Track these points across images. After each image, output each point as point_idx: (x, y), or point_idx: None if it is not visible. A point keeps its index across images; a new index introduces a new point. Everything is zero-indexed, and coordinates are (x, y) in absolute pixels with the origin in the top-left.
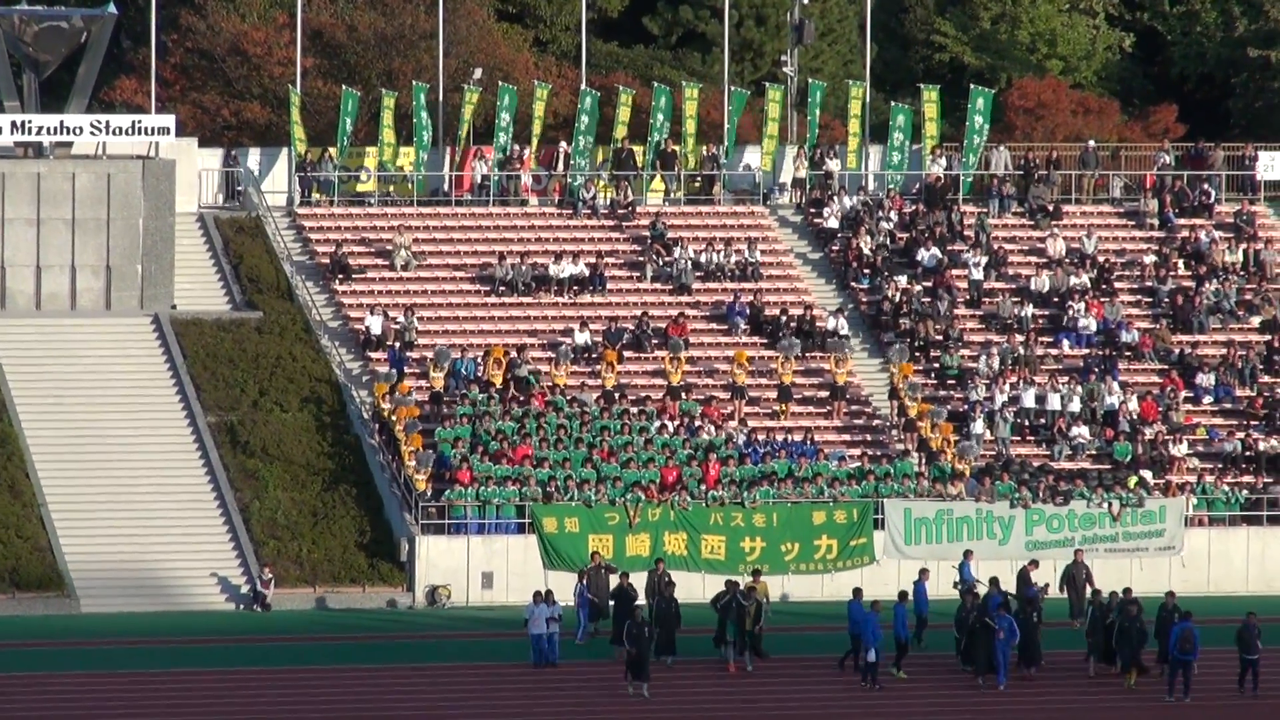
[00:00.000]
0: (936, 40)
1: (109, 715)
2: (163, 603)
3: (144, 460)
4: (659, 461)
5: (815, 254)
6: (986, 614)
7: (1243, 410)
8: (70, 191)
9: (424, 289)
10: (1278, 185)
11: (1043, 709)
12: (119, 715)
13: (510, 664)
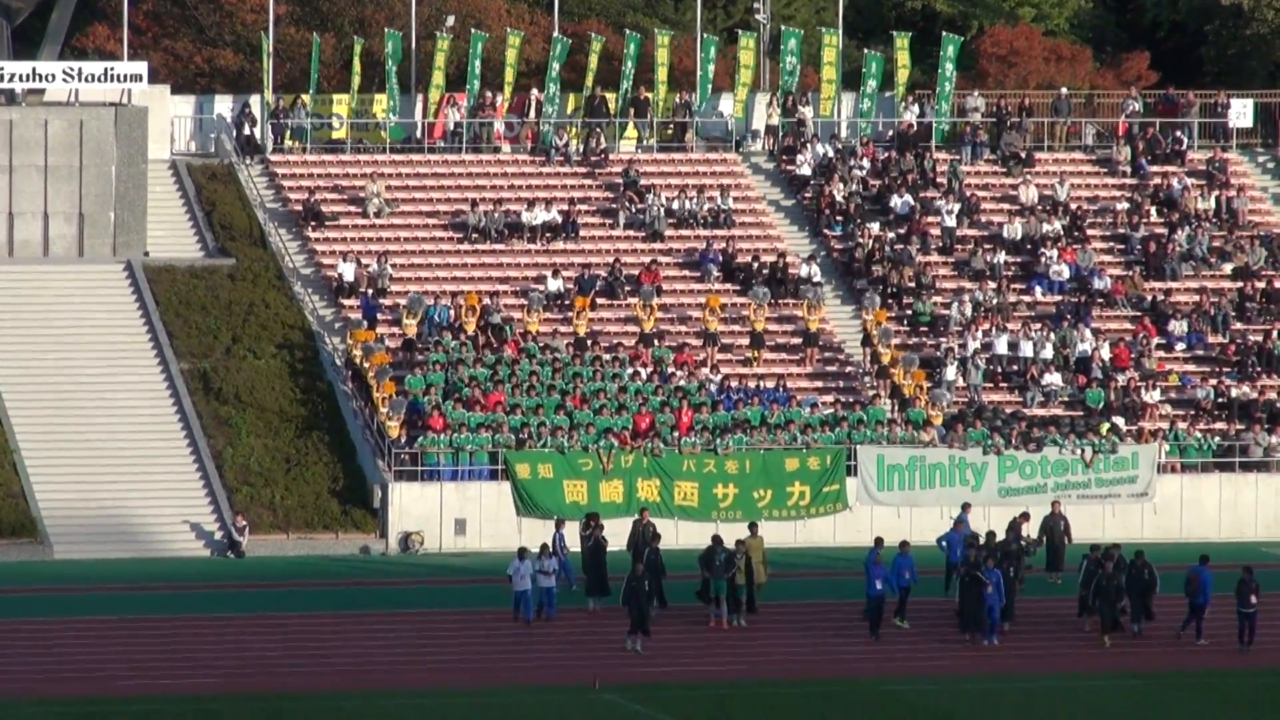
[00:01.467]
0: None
1: (83, 661)
2: (136, 549)
3: (117, 407)
4: (632, 408)
5: (788, 201)
6: (977, 568)
7: (1215, 357)
8: (43, 138)
9: (397, 236)
10: (1249, 132)
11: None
12: (93, 661)
13: (484, 610)
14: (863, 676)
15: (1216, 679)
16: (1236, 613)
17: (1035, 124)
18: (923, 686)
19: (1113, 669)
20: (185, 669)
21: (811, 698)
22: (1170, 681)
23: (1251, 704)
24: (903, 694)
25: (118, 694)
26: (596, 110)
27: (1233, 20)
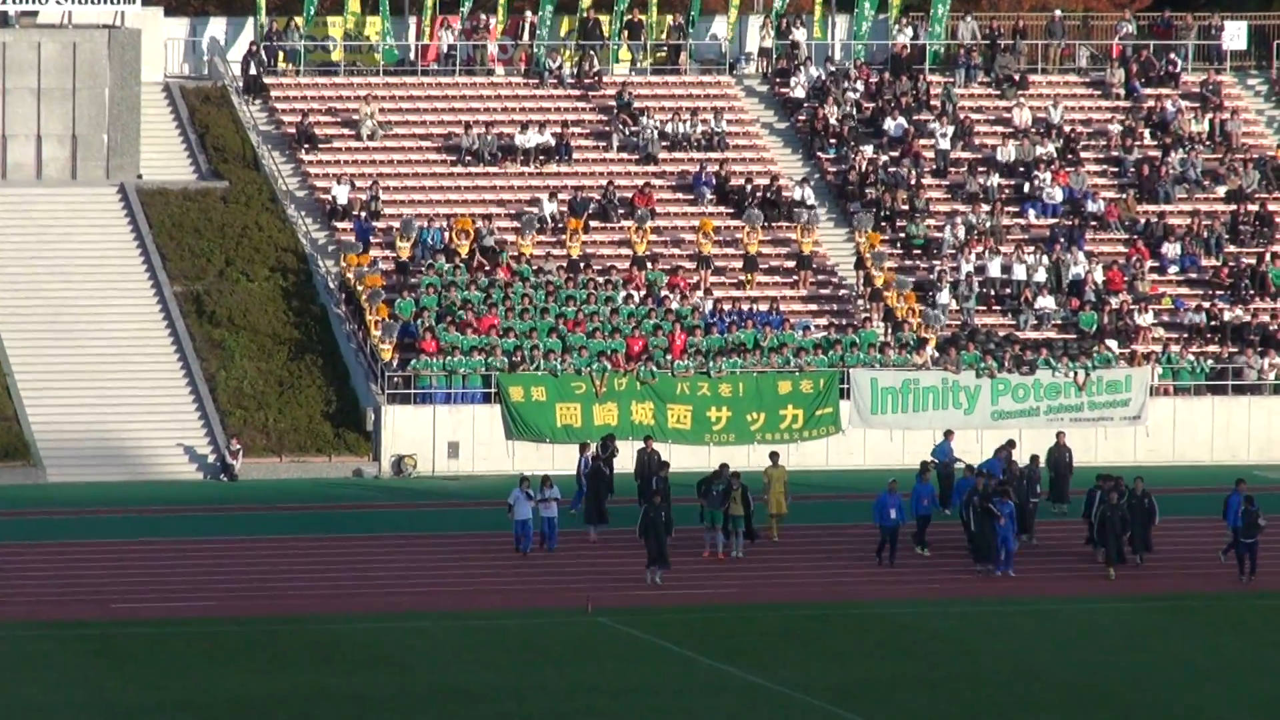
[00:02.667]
0: None
1: (78, 584)
2: (130, 473)
3: (110, 330)
4: (625, 331)
5: (781, 124)
6: (989, 499)
7: (1208, 280)
8: (36, 61)
9: (390, 159)
10: (1243, 55)
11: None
12: (88, 584)
13: (477, 533)
14: (857, 600)
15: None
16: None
17: (1029, 46)
18: (916, 609)
19: (1108, 593)
20: (180, 592)
21: (803, 619)
22: (1164, 604)
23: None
24: (895, 616)
25: (113, 617)
26: (590, 33)
27: None
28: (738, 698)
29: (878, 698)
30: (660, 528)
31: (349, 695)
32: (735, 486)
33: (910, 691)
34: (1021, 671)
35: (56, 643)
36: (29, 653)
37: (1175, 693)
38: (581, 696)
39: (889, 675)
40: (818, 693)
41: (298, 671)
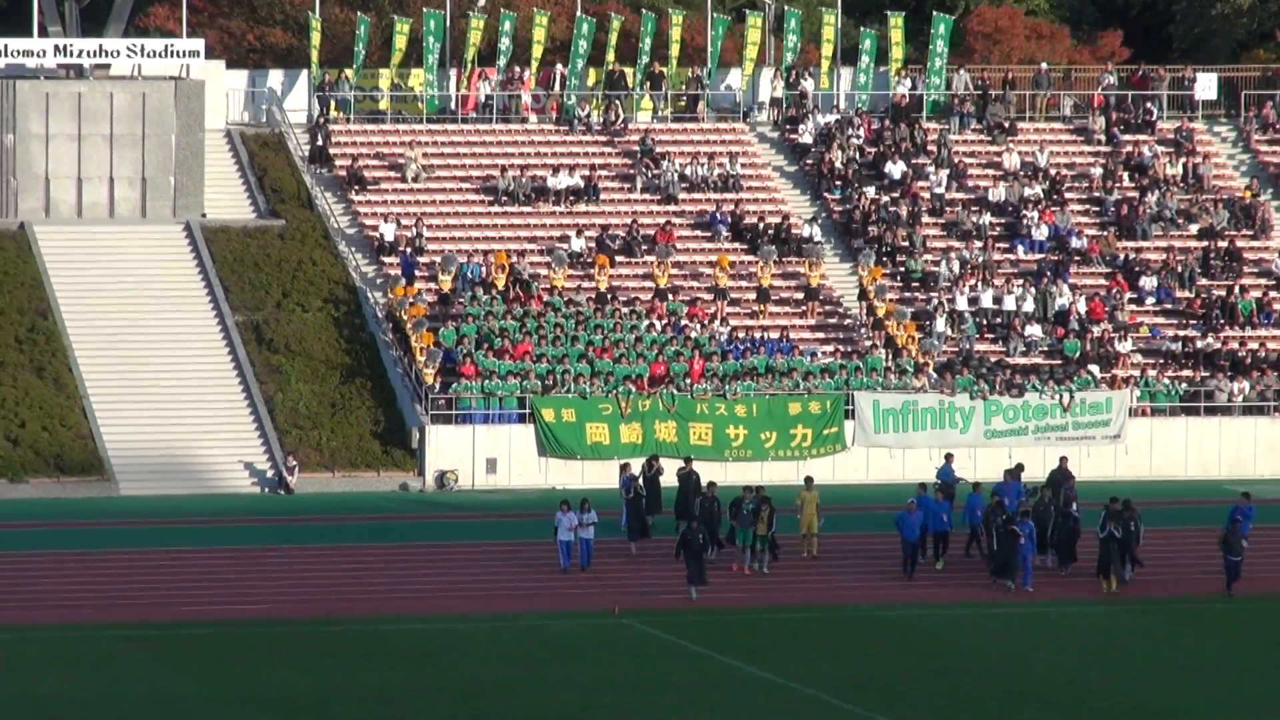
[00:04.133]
0: None
1: (147, 588)
2: (195, 486)
3: (177, 355)
4: (648, 357)
5: (791, 167)
6: (1011, 520)
7: (1182, 310)
8: (109, 109)
9: (433, 199)
10: (1214, 104)
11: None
12: (156, 588)
13: (512, 541)
14: (860, 603)
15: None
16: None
17: (1018, 96)
18: (916, 612)
19: (1096, 598)
20: (239, 596)
21: (811, 621)
22: (1149, 608)
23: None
24: (896, 618)
25: (178, 619)
26: (616, 84)
27: (1199, 1)
28: (749, 692)
29: (878, 692)
30: (697, 548)
31: (392, 690)
32: (763, 507)
33: (909, 686)
34: (1012, 668)
35: (126, 642)
36: (101, 651)
37: (1152, 688)
38: (605, 691)
39: (889, 671)
40: (822, 687)
41: (345, 668)
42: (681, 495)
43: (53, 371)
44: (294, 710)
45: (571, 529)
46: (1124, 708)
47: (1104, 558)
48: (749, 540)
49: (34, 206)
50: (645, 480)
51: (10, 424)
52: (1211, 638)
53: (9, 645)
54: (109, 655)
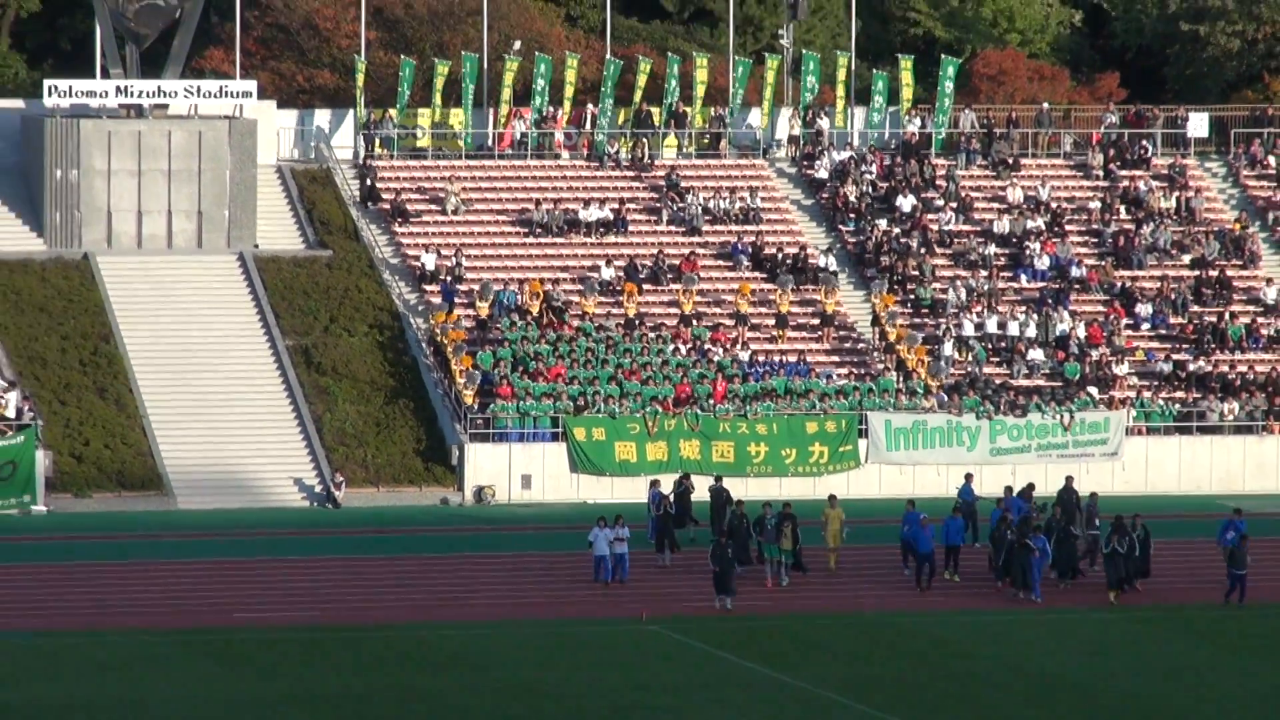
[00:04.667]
0: (912, 16)
1: (202, 597)
2: (248, 500)
3: (231, 378)
4: (674, 379)
5: (808, 200)
6: (1025, 535)
7: (1175, 335)
8: (167, 147)
9: (471, 231)
10: (1205, 142)
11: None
12: (210, 596)
13: (546, 552)
14: (870, 610)
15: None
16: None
17: (1021, 134)
18: (922, 619)
19: (1095, 605)
20: (289, 603)
21: (824, 627)
22: (1144, 616)
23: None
24: (904, 624)
25: (232, 624)
26: (643, 122)
27: (1191, 44)
28: (766, 692)
29: (889, 693)
30: (726, 561)
31: (433, 692)
32: (787, 523)
33: (918, 688)
34: (1015, 671)
35: (184, 647)
36: (160, 655)
37: (1146, 689)
38: (633, 692)
39: (900, 674)
40: (834, 688)
41: (389, 671)
42: (713, 511)
43: (114, 393)
44: (341, 711)
45: (605, 543)
46: (1120, 708)
47: (1112, 573)
48: (774, 554)
49: (97, 238)
50: (675, 496)
51: (75, 442)
52: (1204, 643)
53: (75, 649)
54: (168, 658)
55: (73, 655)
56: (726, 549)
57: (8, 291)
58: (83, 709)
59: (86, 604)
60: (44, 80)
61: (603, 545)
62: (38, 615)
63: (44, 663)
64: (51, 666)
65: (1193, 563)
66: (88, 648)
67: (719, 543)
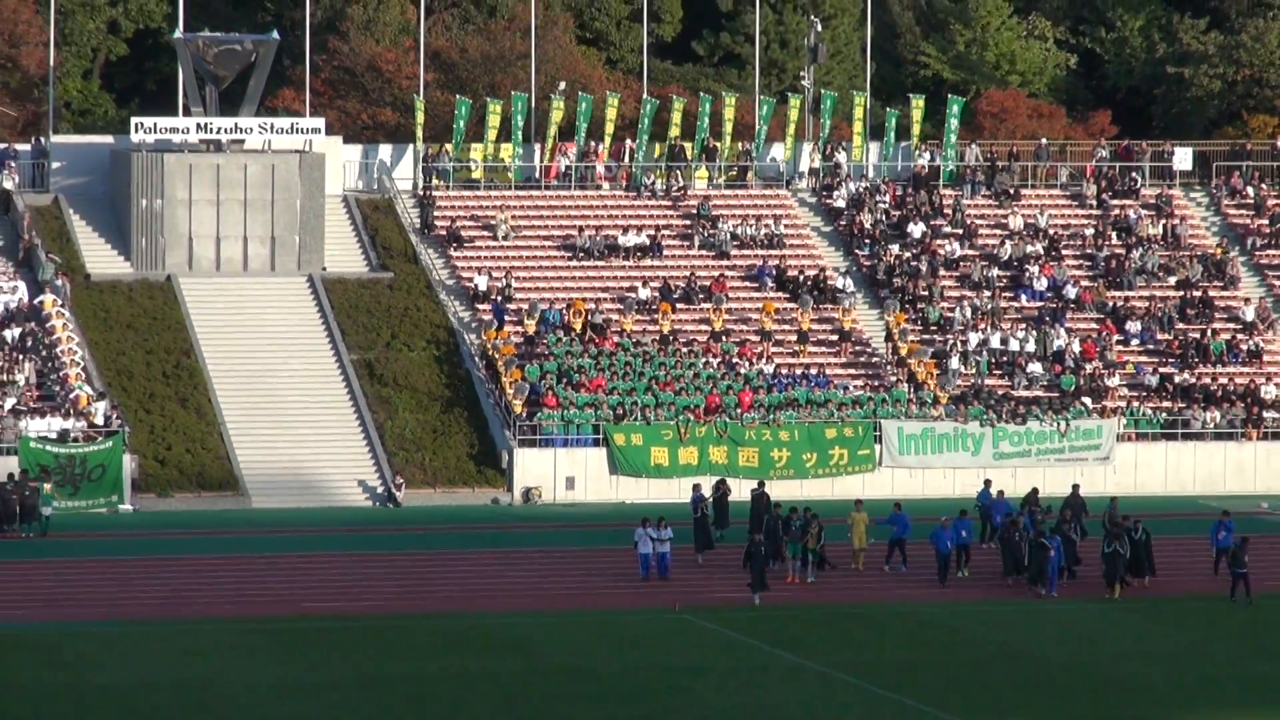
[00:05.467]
0: (922, 59)
1: (276, 588)
2: (316, 500)
3: (301, 388)
4: (704, 390)
5: (827, 227)
6: (1041, 535)
7: (1162, 350)
8: (243, 178)
9: (520, 255)
10: (1189, 174)
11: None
12: (283, 588)
13: (588, 548)
14: (883, 601)
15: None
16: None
17: (1021, 167)
18: (931, 609)
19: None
20: (354, 594)
21: (840, 616)
22: (1133, 607)
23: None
24: (914, 613)
25: (301, 613)
26: (676, 156)
27: (1176, 85)
28: (787, 675)
29: (899, 675)
30: (760, 559)
31: (484, 674)
32: (813, 524)
33: (926, 670)
34: (1014, 655)
35: (257, 634)
36: (235, 642)
37: (1131, 671)
38: (666, 674)
39: (909, 659)
40: (849, 671)
41: (445, 655)
42: (753, 512)
43: (194, 402)
44: (401, 692)
45: (649, 543)
46: (1105, 688)
47: (1110, 571)
48: (798, 552)
49: (179, 261)
50: (714, 500)
51: (159, 447)
52: (1185, 631)
53: (159, 637)
54: (243, 645)
55: (155, 641)
56: (761, 548)
57: (98, 310)
58: (165, 689)
59: (167, 595)
60: (131, 118)
61: (646, 544)
62: (124, 605)
63: (130, 648)
64: (136, 651)
65: (1180, 558)
66: (169, 634)
67: (754, 541)
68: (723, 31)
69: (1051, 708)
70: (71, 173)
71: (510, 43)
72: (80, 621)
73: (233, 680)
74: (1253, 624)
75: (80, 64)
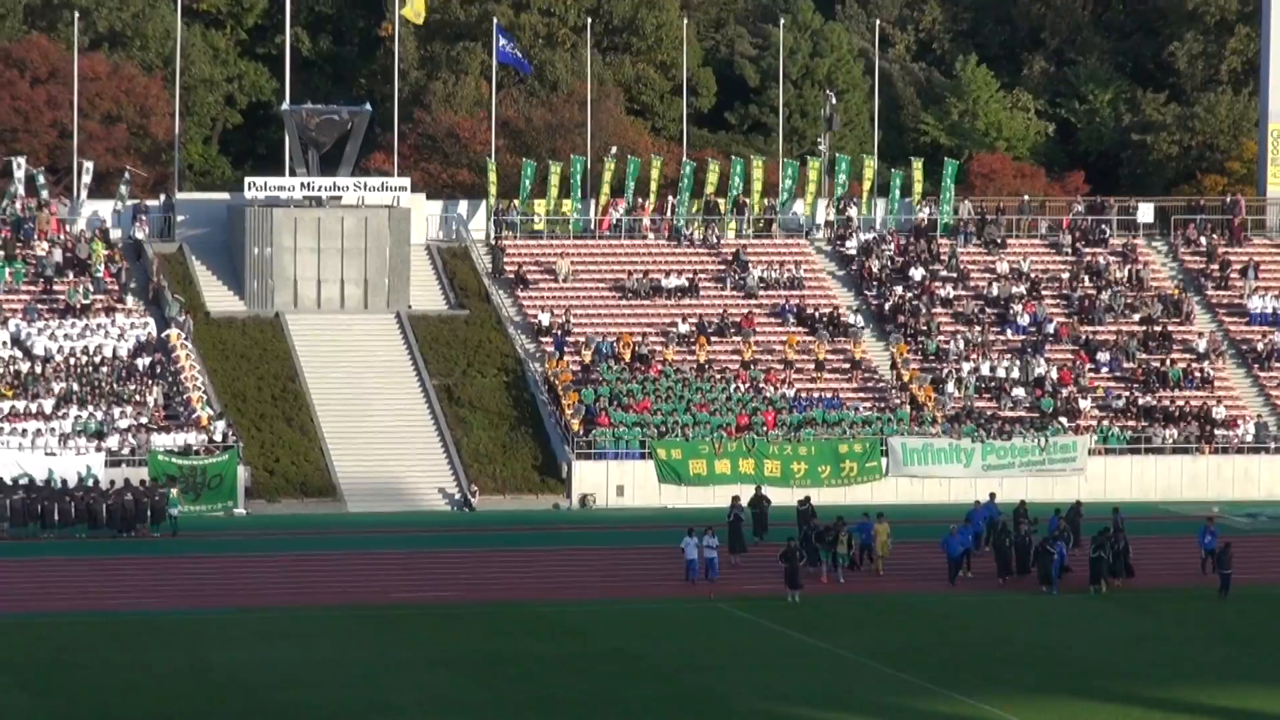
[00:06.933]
0: (922, 127)
1: (368, 580)
2: (402, 504)
3: (390, 409)
4: (735, 411)
5: (840, 271)
6: (1047, 542)
7: (1128, 377)
8: (340, 229)
9: (577, 295)
10: (1151, 226)
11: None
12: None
13: (636, 547)
14: (890, 592)
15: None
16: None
17: (1007, 220)
18: (932, 600)
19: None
20: (435, 585)
21: (854, 605)
22: (1108, 599)
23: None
24: (917, 604)
25: (390, 602)
26: (711, 210)
27: (1139, 150)
28: (807, 655)
29: (902, 656)
30: (795, 561)
31: (544, 655)
32: (844, 533)
33: (925, 652)
34: (1003, 640)
35: (352, 619)
36: (332, 627)
37: (1100, 652)
38: (703, 654)
39: (912, 642)
40: (861, 652)
41: (513, 639)
42: (799, 522)
43: (299, 421)
44: (475, 670)
45: (694, 549)
46: (1075, 666)
47: (1095, 572)
48: (827, 557)
49: (286, 300)
50: (754, 509)
51: (269, 459)
52: (1150, 619)
53: (267, 622)
54: (338, 629)
55: (264, 626)
56: (795, 551)
57: (216, 342)
58: (272, 667)
59: (275, 586)
60: (245, 178)
61: (692, 551)
62: (238, 595)
63: (242, 632)
64: (248, 635)
65: (1145, 558)
66: (276, 620)
67: (790, 546)
68: (751, 104)
69: (1036, 682)
70: (194, 225)
71: (569, 113)
72: (200, 609)
73: (331, 659)
74: (1219, 614)
75: (201, 132)
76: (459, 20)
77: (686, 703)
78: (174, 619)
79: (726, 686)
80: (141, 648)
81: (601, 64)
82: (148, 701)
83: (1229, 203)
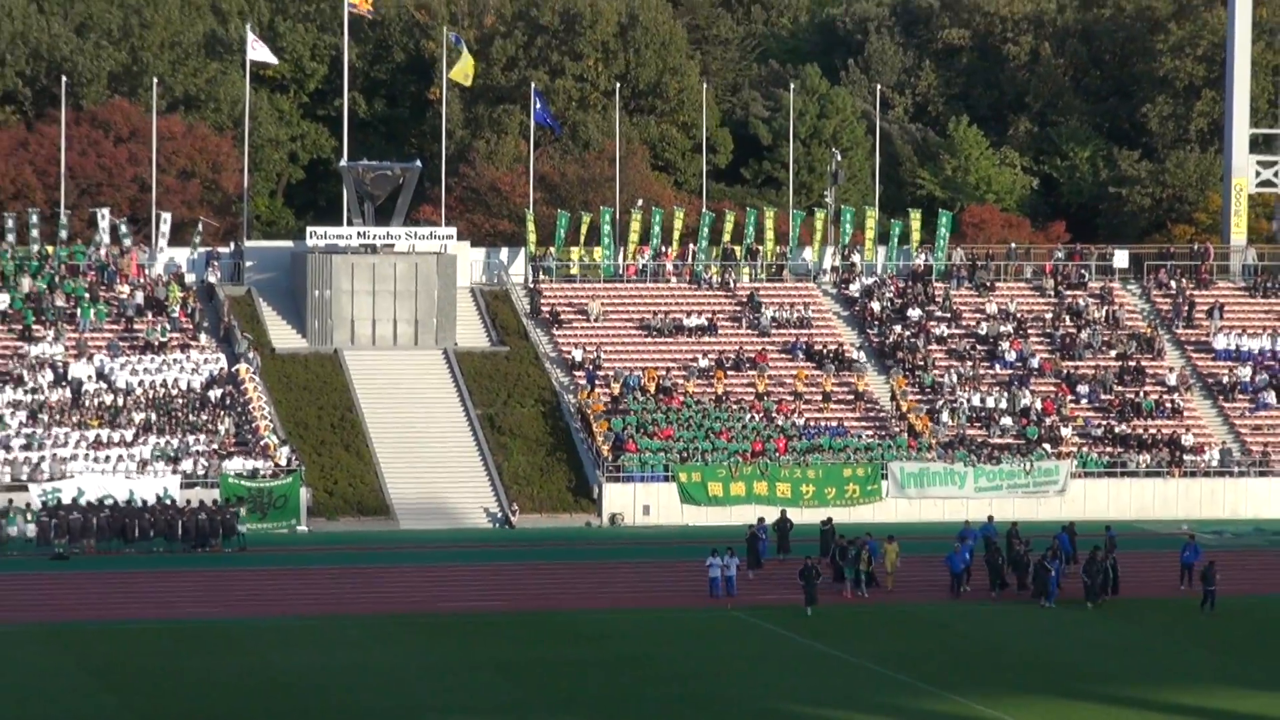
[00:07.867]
0: (919, 181)
1: (419, 590)
2: (449, 522)
3: (438, 436)
4: (750, 438)
5: (845, 312)
6: (1045, 559)
7: (1105, 407)
8: (393, 274)
9: (607, 333)
10: (1126, 271)
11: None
12: (422, 590)
13: (660, 562)
14: (894, 603)
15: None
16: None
17: (995, 265)
18: (932, 610)
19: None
20: (479, 595)
21: (859, 615)
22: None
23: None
24: (917, 612)
25: (438, 610)
26: (728, 257)
27: (1115, 202)
28: (816, 661)
29: (903, 661)
30: (812, 578)
31: (577, 659)
32: (864, 551)
33: (924, 657)
34: (995, 648)
35: (403, 627)
36: (386, 633)
37: (1081, 657)
38: (719, 660)
39: (913, 649)
40: (865, 658)
41: (548, 644)
42: (822, 541)
43: (356, 447)
44: (514, 672)
45: (717, 569)
46: (1058, 671)
47: (1087, 589)
48: (850, 574)
49: (344, 338)
50: (777, 530)
51: (328, 481)
52: (1137, 628)
53: (326, 629)
54: (391, 635)
55: (322, 633)
56: (814, 568)
57: (281, 376)
58: (330, 671)
59: (334, 596)
60: (307, 227)
61: (716, 570)
62: (299, 604)
63: (303, 638)
64: (308, 641)
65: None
66: (334, 627)
67: (808, 563)
68: (764, 160)
69: (1029, 685)
70: (261, 269)
71: (600, 169)
72: (264, 617)
73: (384, 663)
74: (1201, 624)
75: (268, 185)
76: (500, 85)
77: (699, 703)
78: (242, 626)
79: (738, 688)
80: (209, 652)
81: (629, 124)
82: (221, 702)
83: (1198, 250)
